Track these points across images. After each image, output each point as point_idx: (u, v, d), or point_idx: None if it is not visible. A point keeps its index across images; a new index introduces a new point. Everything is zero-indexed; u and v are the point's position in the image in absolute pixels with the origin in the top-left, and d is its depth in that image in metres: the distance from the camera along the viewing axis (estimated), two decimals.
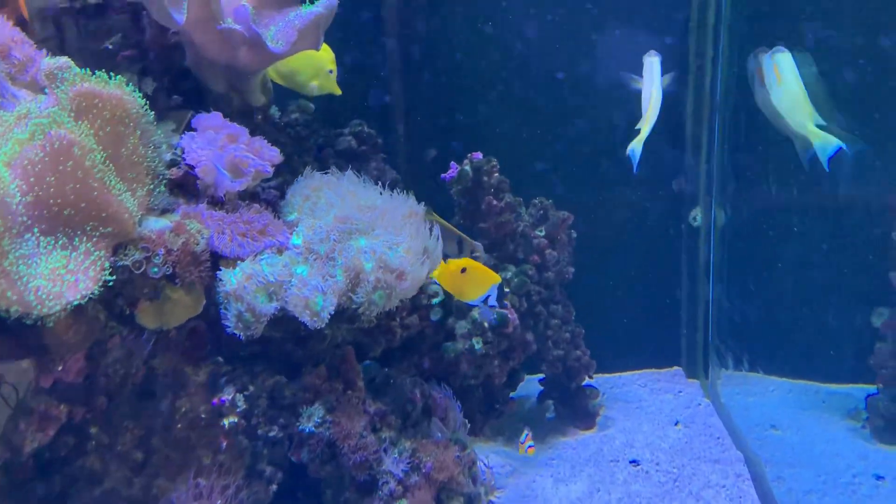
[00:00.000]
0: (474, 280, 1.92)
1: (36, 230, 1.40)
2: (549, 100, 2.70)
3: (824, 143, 1.85)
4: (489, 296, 1.93)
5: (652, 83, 2.13)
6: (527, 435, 2.17)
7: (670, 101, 2.68)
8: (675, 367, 2.92)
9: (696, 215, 2.73)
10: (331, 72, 2.28)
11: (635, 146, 2.08)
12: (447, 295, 2.20)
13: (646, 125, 2.10)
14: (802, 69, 1.94)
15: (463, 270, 1.91)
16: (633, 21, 2.66)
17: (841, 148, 1.83)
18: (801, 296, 2.56)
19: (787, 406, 2.55)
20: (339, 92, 2.32)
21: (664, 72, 2.15)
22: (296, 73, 2.28)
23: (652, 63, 2.14)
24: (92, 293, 1.38)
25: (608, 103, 2.67)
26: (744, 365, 2.65)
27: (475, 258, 2.15)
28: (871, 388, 2.40)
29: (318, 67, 2.26)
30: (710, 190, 2.69)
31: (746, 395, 2.64)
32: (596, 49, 2.63)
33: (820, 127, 1.87)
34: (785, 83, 1.94)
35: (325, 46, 2.22)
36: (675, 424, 2.53)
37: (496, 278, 1.94)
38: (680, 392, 2.76)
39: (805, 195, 2.43)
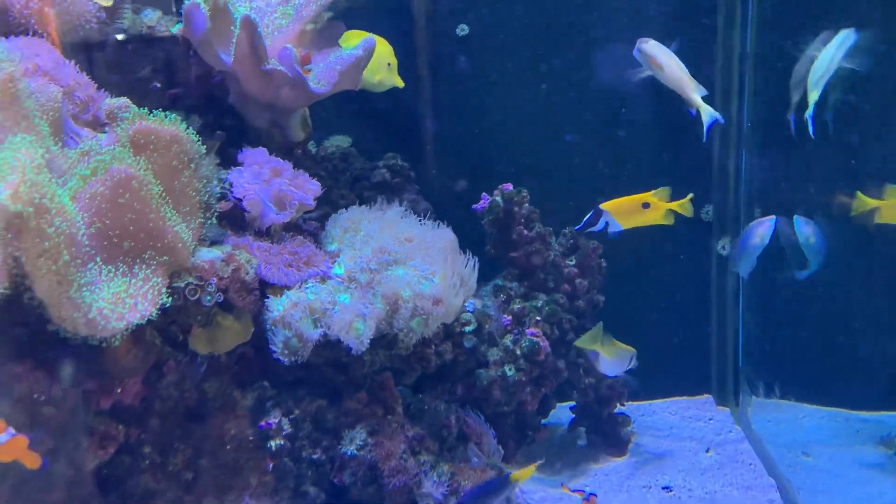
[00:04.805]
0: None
1: (98, 259, 1.49)
2: (578, 132, 2.76)
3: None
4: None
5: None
6: (590, 495, 2.15)
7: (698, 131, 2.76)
8: (706, 395, 2.93)
9: (725, 244, 2.76)
10: (390, 65, 2.31)
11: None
12: (478, 323, 2.26)
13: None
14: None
15: None
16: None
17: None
18: (832, 323, 2.58)
19: (818, 433, 2.56)
20: (401, 84, 2.34)
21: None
22: None
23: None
24: (151, 315, 1.47)
25: (637, 136, 2.73)
26: (775, 392, 2.66)
27: None
28: None
29: (378, 62, 2.25)
30: (737, 219, 2.73)
31: (778, 423, 2.65)
32: (625, 84, 2.69)
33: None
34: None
35: (381, 40, 2.24)
36: (707, 451, 2.55)
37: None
38: (711, 419, 2.78)
39: (834, 222, 2.46)
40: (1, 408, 1.41)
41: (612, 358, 2.30)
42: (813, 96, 2.11)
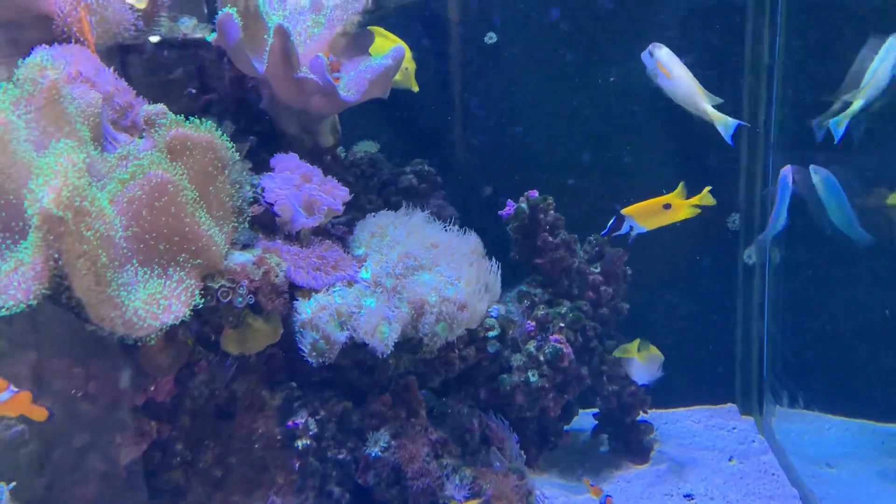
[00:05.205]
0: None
1: (135, 261, 1.54)
2: (604, 140, 2.78)
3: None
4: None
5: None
6: (606, 498, 2.17)
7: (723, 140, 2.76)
8: (730, 404, 2.93)
9: (751, 253, 2.76)
10: (407, 69, 2.36)
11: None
12: (502, 328, 2.28)
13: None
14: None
15: None
16: (687, 62, 2.73)
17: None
18: (859, 333, 2.57)
19: (843, 444, 2.54)
20: (415, 88, 2.40)
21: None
22: None
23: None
24: (184, 316, 1.51)
25: (664, 146, 2.74)
26: (799, 402, 2.65)
27: None
28: None
29: None
30: (764, 228, 2.72)
31: (802, 433, 2.64)
32: (651, 91, 2.70)
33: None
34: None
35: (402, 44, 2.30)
36: (730, 460, 2.55)
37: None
38: (734, 428, 2.77)
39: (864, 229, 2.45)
40: (40, 402, 1.46)
41: (645, 363, 2.32)
42: (856, 105, 2.09)
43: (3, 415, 1.37)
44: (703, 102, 2.14)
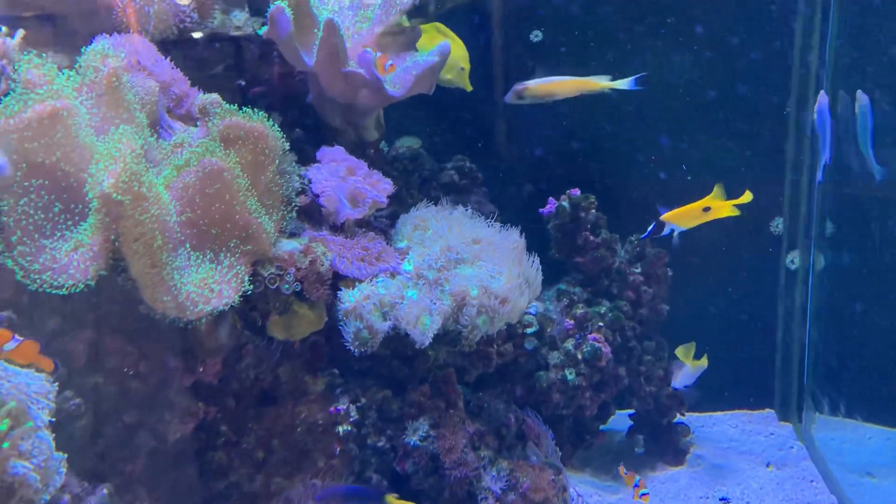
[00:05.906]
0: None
1: (188, 245, 1.58)
2: (645, 139, 2.77)
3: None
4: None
5: None
6: (639, 480, 2.15)
7: (772, 145, 2.73)
8: (768, 410, 2.90)
9: (794, 258, 2.73)
10: (462, 69, 2.38)
11: None
12: (540, 326, 2.28)
13: None
14: None
15: None
16: (735, 67, 2.72)
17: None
18: None
19: (885, 455, 2.50)
20: (469, 88, 2.42)
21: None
22: None
23: None
24: (234, 301, 1.55)
25: (708, 147, 2.72)
26: (840, 410, 2.62)
27: None
28: None
29: (452, 63, 2.33)
30: (808, 233, 2.69)
31: (842, 441, 2.60)
32: (693, 95, 2.69)
33: None
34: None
35: (459, 43, 2.34)
36: (767, 466, 2.52)
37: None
38: (772, 434, 2.75)
39: None
40: (94, 378, 1.51)
41: (692, 371, 2.34)
42: None
43: (12, 362, 1.38)
44: (596, 84, 2.20)
